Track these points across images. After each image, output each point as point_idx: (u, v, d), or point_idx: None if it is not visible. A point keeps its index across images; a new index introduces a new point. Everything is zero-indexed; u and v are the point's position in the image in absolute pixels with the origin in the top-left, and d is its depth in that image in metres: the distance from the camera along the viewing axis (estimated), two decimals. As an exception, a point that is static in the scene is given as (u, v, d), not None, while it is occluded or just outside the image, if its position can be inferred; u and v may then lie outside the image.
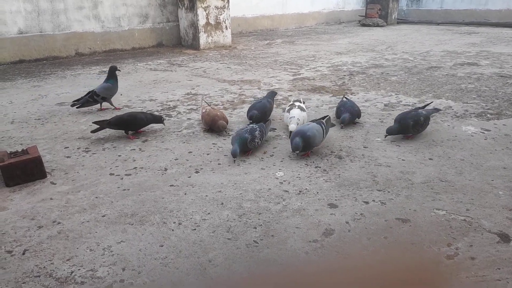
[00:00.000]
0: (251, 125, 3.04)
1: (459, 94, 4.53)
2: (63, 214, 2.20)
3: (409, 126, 3.08)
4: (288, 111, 3.37)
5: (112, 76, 4.08)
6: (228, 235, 1.99)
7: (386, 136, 3.14)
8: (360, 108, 3.66)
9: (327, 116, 3.11)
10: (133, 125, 3.31)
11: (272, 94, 3.87)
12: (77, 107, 4.01)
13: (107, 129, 3.33)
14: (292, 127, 3.11)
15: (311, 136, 2.78)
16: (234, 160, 2.81)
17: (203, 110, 3.49)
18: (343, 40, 9.72)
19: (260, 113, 3.42)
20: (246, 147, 2.88)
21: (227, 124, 3.41)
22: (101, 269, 1.76)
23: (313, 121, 3.03)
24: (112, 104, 4.14)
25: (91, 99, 3.96)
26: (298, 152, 2.77)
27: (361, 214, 2.15)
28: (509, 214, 2.11)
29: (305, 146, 2.76)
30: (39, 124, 3.75)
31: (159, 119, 3.38)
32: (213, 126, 3.35)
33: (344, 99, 3.79)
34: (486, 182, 2.47)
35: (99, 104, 4.11)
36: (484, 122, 3.54)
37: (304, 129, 2.81)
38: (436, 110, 3.55)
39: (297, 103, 3.47)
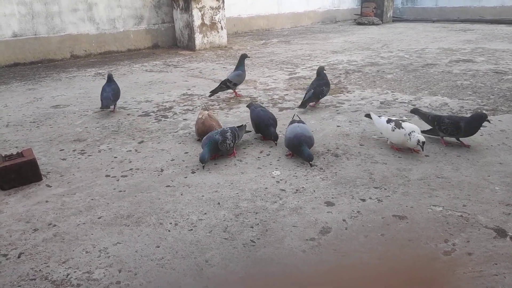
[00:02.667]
0: (223, 128, 2.94)
1: (454, 90, 4.53)
2: (59, 216, 2.19)
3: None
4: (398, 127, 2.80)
5: (242, 63, 4.43)
6: (225, 235, 1.98)
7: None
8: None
9: (294, 114, 3.29)
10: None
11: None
12: (209, 95, 4.47)
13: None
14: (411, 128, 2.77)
15: (312, 137, 2.81)
16: (203, 166, 2.70)
17: (199, 116, 3.22)
18: (338, 39, 9.72)
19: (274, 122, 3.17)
20: (217, 149, 2.78)
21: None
22: (97, 271, 1.75)
23: (292, 122, 3.02)
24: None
25: (224, 85, 4.36)
26: (312, 162, 2.69)
27: (358, 211, 2.14)
28: (505, 209, 2.11)
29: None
30: (34, 127, 3.74)
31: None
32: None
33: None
34: (482, 177, 2.47)
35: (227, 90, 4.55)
36: (480, 118, 3.54)
37: (303, 133, 2.75)
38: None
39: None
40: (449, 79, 5.08)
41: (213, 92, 4.39)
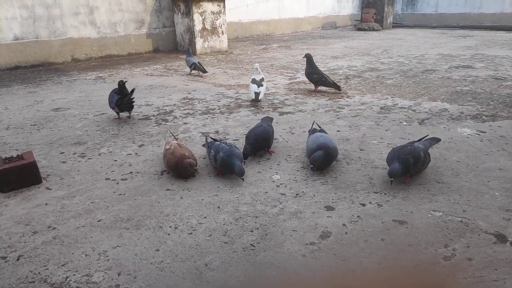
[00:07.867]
0: (218, 143, 2.73)
1: (454, 96, 4.55)
2: (58, 219, 2.19)
3: (410, 165, 2.40)
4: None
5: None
6: (224, 238, 1.98)
7: (392, 181, 2.43)
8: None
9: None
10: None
11: (269, 119, 3.28)
12: None
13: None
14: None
15: (336, 147, 2.65)
16: (244, 162, 2.67)
17: (167, 147, 2.73)
18: (339, 44, 9.76)
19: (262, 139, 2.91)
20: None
21: (196, 164, 2.65)
22: (97, 274, 1.74)
23: (313, 131, 2.91)
24: None
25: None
26: (313, 166, 2.56)
27: (358, 216, 2.14)
28: (505, 215, 2.11)
29: (326, 161, 2.61)
30: (34, 130, 3.74)
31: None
32: (179, 168, 2.59)
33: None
34: (482, 183, 2.48)
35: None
36: (479, 124, 3.56)
37: (326, 141, 2.63)
38: (436, 140, 2.77)
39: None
40: (448, 85, 5.10)
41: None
